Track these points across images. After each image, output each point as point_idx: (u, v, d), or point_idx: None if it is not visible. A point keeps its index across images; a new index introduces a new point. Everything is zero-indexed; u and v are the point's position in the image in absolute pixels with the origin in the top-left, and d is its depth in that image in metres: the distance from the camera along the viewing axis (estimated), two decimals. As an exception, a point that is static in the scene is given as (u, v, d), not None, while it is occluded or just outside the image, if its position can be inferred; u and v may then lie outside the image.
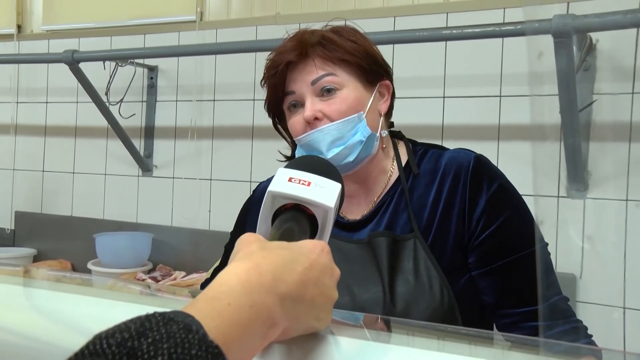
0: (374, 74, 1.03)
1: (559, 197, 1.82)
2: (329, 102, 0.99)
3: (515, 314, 0.97)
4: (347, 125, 0.98)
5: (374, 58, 1.03)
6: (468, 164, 1.01)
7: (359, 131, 0.99)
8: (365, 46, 1.02)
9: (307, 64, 1.00)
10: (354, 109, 0.99)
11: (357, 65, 1.00)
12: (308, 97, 0.99)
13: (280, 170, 0.62)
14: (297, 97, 1.01)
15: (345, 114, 0.98)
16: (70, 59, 2.23)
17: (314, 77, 0.99)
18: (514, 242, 0.98)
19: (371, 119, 1.01)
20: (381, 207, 1.05)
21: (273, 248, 0.49)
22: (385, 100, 1.06)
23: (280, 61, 1.00)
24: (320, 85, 0.99)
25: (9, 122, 2.81)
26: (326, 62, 0.99)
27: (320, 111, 0.98)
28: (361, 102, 1.00)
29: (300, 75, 1.00)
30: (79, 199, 2.72)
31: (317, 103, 0.99)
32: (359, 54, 1.00)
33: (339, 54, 0.99)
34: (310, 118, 0.98)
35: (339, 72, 0.99)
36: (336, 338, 0.51)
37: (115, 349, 0.34)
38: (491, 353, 0.56)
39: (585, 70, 1.76)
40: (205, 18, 2.44)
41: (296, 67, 1.00)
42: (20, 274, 0.91)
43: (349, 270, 1.01)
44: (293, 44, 1.00)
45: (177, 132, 2.50)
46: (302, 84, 1.00)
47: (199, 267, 2.33)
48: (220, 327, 0.40)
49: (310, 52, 0.99)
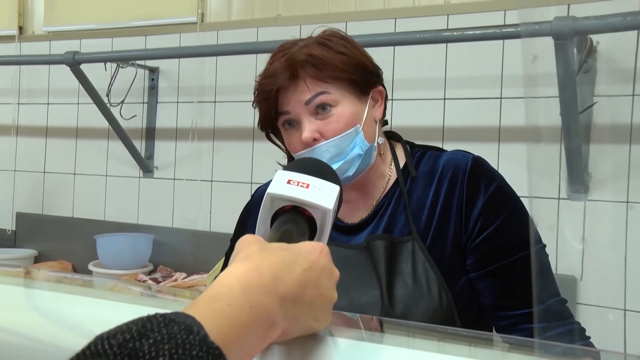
0: (365, 85, 1.02)
1: (559, 199, 1.82)
2: (326, 122, 0.98)
3: (514, 316, 0.97)
4: (344, 140, 0.98)
5: (364, 68, 1.01)
6: (465, 165, 1.01)
7: (357, 145, 0.98)
8: (355, 56, 1.00)
9: (298, 85, 0.98)
10: (350, 124, 0.98)
11: (349, 80, 0.99)
12: (304, 117, 0.98)
13: (279, 172, 0.62)
14: (292, 117, 1.00)
15: (342, 131, 0.97)
16: (71, 60, 2.23)
17: (307, 98, 0.97)
18: (512, 244, 0.97)
19: (368, 130, 1.01)
20: (379, 210, 1.05)
21: (272, 249, 0.49)
22: (379, 105, 1.05)
23: (271, 86, 0.98)
24: (314, 104, 0.97)
25: (10, 123, 2.81)
26: (317, 82, 0.97)
27: (317, 132, 0.98)
28: (356, 115, 0.99)
29: (294, 96, 0.98)
30: (79, 200, 2.72)
31: (314, 122, 0.98)
32: (349, 68, 0.98)
33: (329, 72, 0.97)
34: (309, 139, 0.97)
35: (331, 89, 0.97)
36: (335, 339, 0.51)
37: (116, 350, 0.34)
38: (490, 355, 0.56)
39: (586, 73, 1.76)
40: (206, 19, 2.45)
41: (288, 88, 0.98)
42: (21, 275, 0.91)
43: (347, 275, 1.00)
44: (282, 65, 0.98)
45: (178, 133, 2.50)
46: (296, 105, 0.98)
47: (200, 268, 2.33)
48: (220, 327, 0.40)
49: (300, 73, 0.97)
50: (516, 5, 1.85)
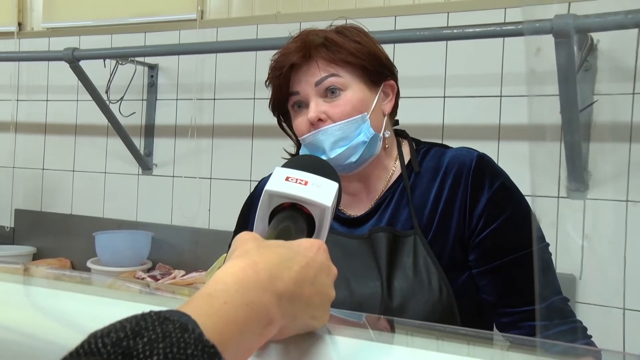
0: (377, 75, 1.03)
1: (559, 198, 1.81)
2: (333, 104, 0.99)
3: (515, 313, 0.98)
4: (350, 125, 0.99)
5: (377, 58, 1.03)
6: (470, 162, 1.01)
7: (363, 132, 0.99)
8: (370, 46, 1.02)
9: (310, 65, 1.00)
10: (358, 110, 0.99)
11: (361, 66, 1.00)
12: (312, 98, 1.00)
13: (277, 169, 0.62)
14: (302, 98, 1.02)
15: (348, 115, 0.99)
16: (70, 56, 2.23)
17: (318, 79, 0.99)
18: (515, 241, 0.98)
19: (375, 120, 1.02)
20: (382, 203, 1.06)
21: (270, 246, 0.49)
22: (390, 100, 1.07)
23: (284, 63, 1.00)
24: (324, 86, 0.99)
25: (9, 120, 2.80)
26: (329, 64, 0.99)
27: (324, 112, 0.99)
28: (365, 103, 1.00)
29: (305, 76, 1.00)
30: (78, 197, 2.72)
31: (321, 104, 1.00)
32: (362, 55, 1.00)
33: (342, 55, 0.99)
34: (314, 119, 0.99)
35: (342, 73, 0.99)
36: (333, 337, 0.51)
37: (110, 349, 0.34)
38: (490, 353, 0.56)
39: (586, 71, 1.76)
40: (205, 16, 2.44)
41: (300, 68, 1.01)
42: (20, 272, 0.91)
43: (348, 265, 1.02)
44: (297, 45, 1.00)
45: (177, 130, 2.50)
46: (306, 85, 1.00)
47: (199, 265, 2.33)
48: (216, 325, 0.39)
49: (313, 54, 1.00)
50: (517, 2, 1.85)
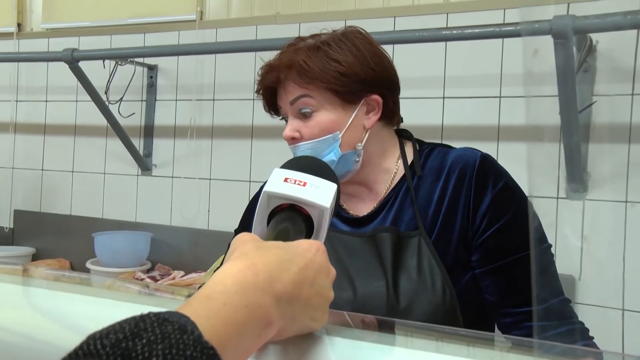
0: (351, 95, 1.01)
1: (558, 199, 1.81)
2: (306, 124, 1.02)
3: (518, 313, 0.98)
4: (321, 144, 1.01)
5: (354, 77, 0.99)
6: (474, 162, 1.02)
7: (333, 151, 1.01)
8: (349, 65, 0.99)
9: (286, 85, 1.03)
10: (328, 131, 1.01)
11: (331, 89, 1.00)
12: (289, 115, 1.04)
13: (276, 170, 0.62)
14: (283, 113, 1.06)
15: (317, 136, 1.01)
16: (70, 57, 2.23)
17: (292, 98, 1.02)
18: (518, 242, 0.98)
19: (351, 136, 1.02)
20: (386, 204, 1.06)
21: (269, 248, 0.49)
22: (375, 113, 1.04)
23: (264, 83, 1.05)
24: (297, 107, 1.02)
25: (8, 121, 2.80)
26: (298, 87, 1.01)
27: (297, 131, 1.03)
28: (337, 123, 1.01)
29: (283, 94, 1.04)
30: (78, 198, 2.71)
31: (296, 123, 1.03)
32: (332, 79, 0.98)
33: (310, 79, 0.99)
34: (288, 137, 1.03)
35: (314, 94, 1.00)
36: (332, 338, 0.51)
37: (109, 350, 0.34)
38: (489, 355, 0.56)
39: (585, 72, 1.76)
40: (205, 17, 2.44)
41: (281, 86, 1.04)
42: (19, 272, 0.91)
43: (351, 264, 1.02)
44: (273, 65, 1.03)
45: (176, 131, 2.50)
46: (285, 103, 1.04)
47: (198, 266, 2.33)
48: (215, 327, 0.39)
49: (287, 76, 1.01)
50: (516, 3, 1.85)
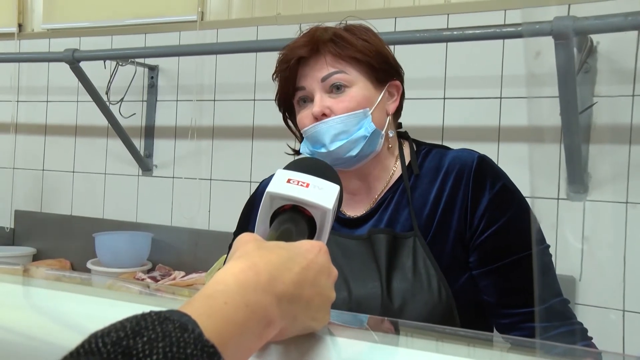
0: (383, 73, 1.04)
1: (558, 199, 1.81)
2: (338, 100, 1.00)
3: (516, 314, 0.98)
4: (352, 119, 0.99)
5: (384, 57, 1.04)
6: (472, 163, 1.02)
7: (364, 126, 1.00)
8: (377, 45, 1.03)
9: (318, 60, 1.01)
10: (361, 106, 1.00)
11: (368, 63, 1.01)
12: (317, 93, 1.01)
13: (279, 171, 0.62)
14: (307, 93, 1.03)
15: (352, 110, 1.00)
16: (70, 58, 2.23)
17: (325, 74, 1.00)
18: (516, 243, 0.98)
19: (377, 117, 1.02)
20: (382, 204, 1.06)
21: (270, 247, 0.49)
22: (394, 100, 1.07)
23: (292, 56, 1.01)
24: (330, 82, 1.00)
25: (9, 121, 2.81)
26: (337, 60, 1.00)
27: (328, 107, 1.00)
28: (369, 100, 1.01)
29: (311, 71, 1.01)
30: (78, 198, 2.71)
31: (326, 99, 1.01)
32: (370, 53, 1.01)
33: (350, 51, 1.00)
34: (318, 114, 1.00)
35: (349, 70, 1.00)
36: (333, 338, 0.51)
37: (110, 348, 0.34)
38: (489, 355, 0.56)
39: (586, 73, 1.76)
40: (206, 18, 2.44)
41: (307, 63, 1.02)
42: (20, 273, 0.91)
43: (347, 266, 1.02)
44: (305, 39, 1.02)
45: (177, 131, 2.50)
46: (313, 80, 1.01)
47: (199, 267, 2.33)
48: (216, 326, 0.39)
49: (321, 49, 1.01)
50: (517, 4, 1.85)
